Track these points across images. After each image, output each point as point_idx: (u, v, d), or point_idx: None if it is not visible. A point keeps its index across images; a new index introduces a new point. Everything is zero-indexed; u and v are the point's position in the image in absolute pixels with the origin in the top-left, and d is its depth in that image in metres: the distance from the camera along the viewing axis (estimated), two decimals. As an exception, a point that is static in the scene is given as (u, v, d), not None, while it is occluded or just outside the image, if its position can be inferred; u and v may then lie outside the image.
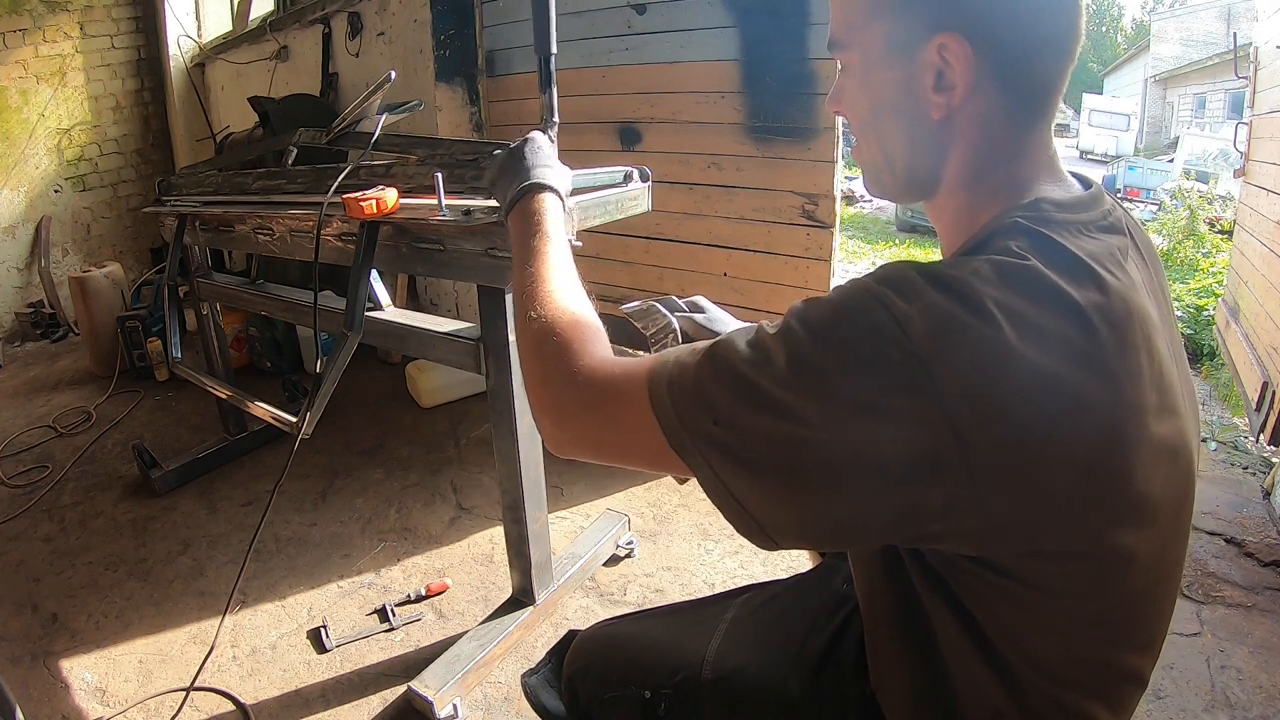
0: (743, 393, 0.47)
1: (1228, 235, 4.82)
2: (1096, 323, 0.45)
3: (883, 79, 0.57)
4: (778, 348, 0.47)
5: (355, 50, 3.14)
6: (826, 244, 2.19)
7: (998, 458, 0.43)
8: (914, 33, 0.54)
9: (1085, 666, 0.53)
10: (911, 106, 0.56)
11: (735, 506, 0.49)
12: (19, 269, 4.30)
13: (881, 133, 0.59)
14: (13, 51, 4.10)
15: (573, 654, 0.88)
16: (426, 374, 2.66)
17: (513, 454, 1.38)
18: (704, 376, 0.50)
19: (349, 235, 1.44)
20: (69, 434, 2.68)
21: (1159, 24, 20.01)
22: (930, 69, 0.53)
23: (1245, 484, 2.07)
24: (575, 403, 0.57)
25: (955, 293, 0.45)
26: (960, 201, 0.58)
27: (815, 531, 0.51)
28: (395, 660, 1.49)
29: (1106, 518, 0.47)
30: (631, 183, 1.38)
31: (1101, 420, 0.45)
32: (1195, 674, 1.37)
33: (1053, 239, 0.49)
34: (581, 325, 0.63)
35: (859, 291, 0.47)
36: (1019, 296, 0.45)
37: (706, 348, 0.51)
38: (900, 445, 0.43)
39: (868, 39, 0.57)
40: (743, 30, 2.19)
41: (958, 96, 0.53)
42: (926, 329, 0.43)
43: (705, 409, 0.49)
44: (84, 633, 1.62)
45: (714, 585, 1.66)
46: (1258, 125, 2.87)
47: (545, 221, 0.78)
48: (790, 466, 0.46)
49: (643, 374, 0.53)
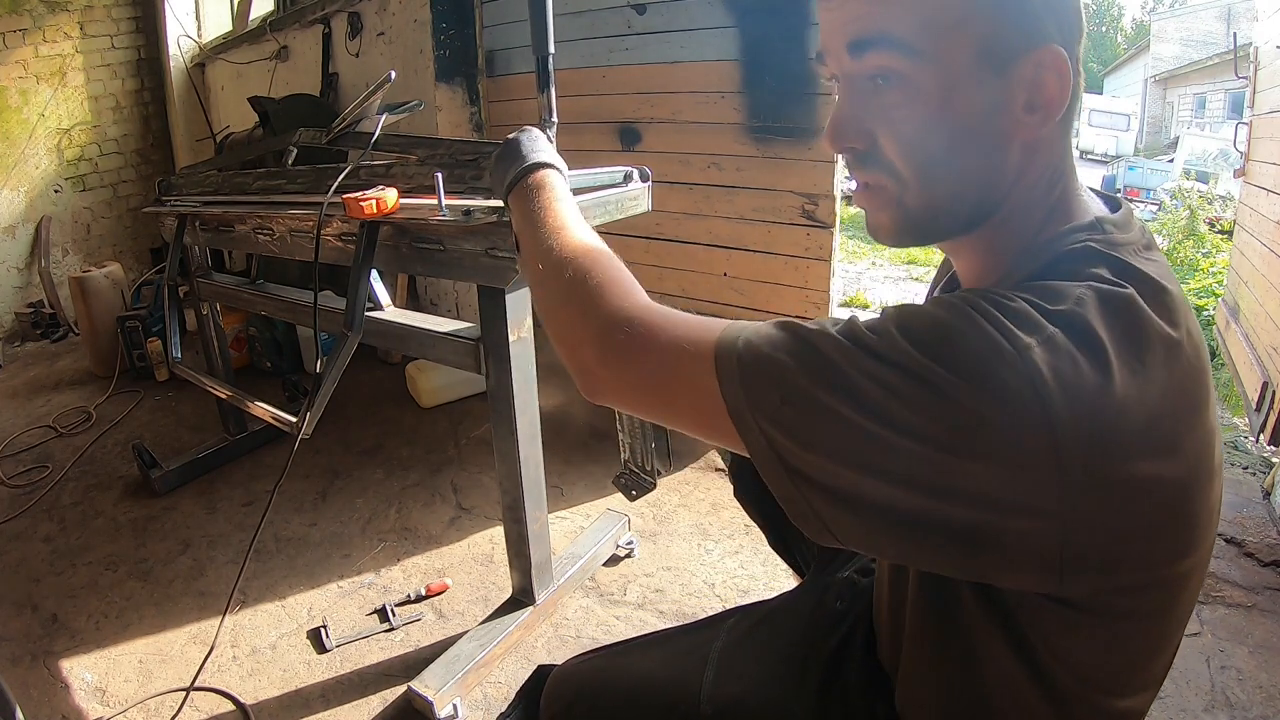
0: (827, 377, 0.44)
1: (1228, 235, 4.82)
2: (1186, 355, 0.45)
3: (969, 100, 0.47)
4: (877, 346, 0.44)
5: (355, 50, 3.14)
6: (826, 244, 2.19)
7: (1093, 500, 0.41)
8: (1014, 43, 0.46)
9: (1132, 675, 0.52)
10: (998, 131, 0.48)
11: (791, 490, 0.46)
12: (19, 269, 4.30)
13: (952, 168, 0.50)
14: (13, 51, 4.10)
15: (550, 694, 0.81)
16: (426, 374, 2.66)
17: (513, 454, 1.38)
18: (784, 351, 0.46)
19: (349, 235, 1.44)
20: (69, 434, 2.68)
21: (1159, 24, 20.00)
22: (1023, 86, 0.47)
23: (1245, 484, 2.07)
24: (625, 343, 0.52)
25: (1074, 330, 0.42)
26: (1012, 228, 0.52)
27: (873, 535, 0.46)
28: (395, 660, 1.49)
29: (1179, 549, 0.46)
30: (631, 183, 1.38)
31: (1188, 455, 0.44)
32: (1195, 674, 1.37)
33: (1133, 266, 0.47)
34: (619, 265, 0.60)
35: (968, 310, 0.44)
36: (1127, 332, 0.43)
37: (787, 323, 0.48)
38: (999, 470, 0.41)
39: (955, 47, 0.46)
40: (743, 30, 2.19)
41: (1054, 116, 0.47)
42: (1047, 364, 0.41)
43: (775, 386, 0.45)
44: (84, 633, 1.62)
45: (714, 585, 1.66)
46: (1258, 125, 2.87)
47: (550, 187, 0.73)
48: (864, 466, 0.43)
49: (711, 334, 0.50)
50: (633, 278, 0.59)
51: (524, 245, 0.69)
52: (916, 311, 0.45)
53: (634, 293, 0.57)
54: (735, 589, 1.65)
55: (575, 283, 0.58)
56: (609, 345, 0.53)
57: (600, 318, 0.55)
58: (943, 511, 0.42)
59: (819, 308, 2.24)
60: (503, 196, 0.80)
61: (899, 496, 0.42)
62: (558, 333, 0.59)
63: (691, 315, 0.53)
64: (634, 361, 0.52)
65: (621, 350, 0.53)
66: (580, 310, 0.56)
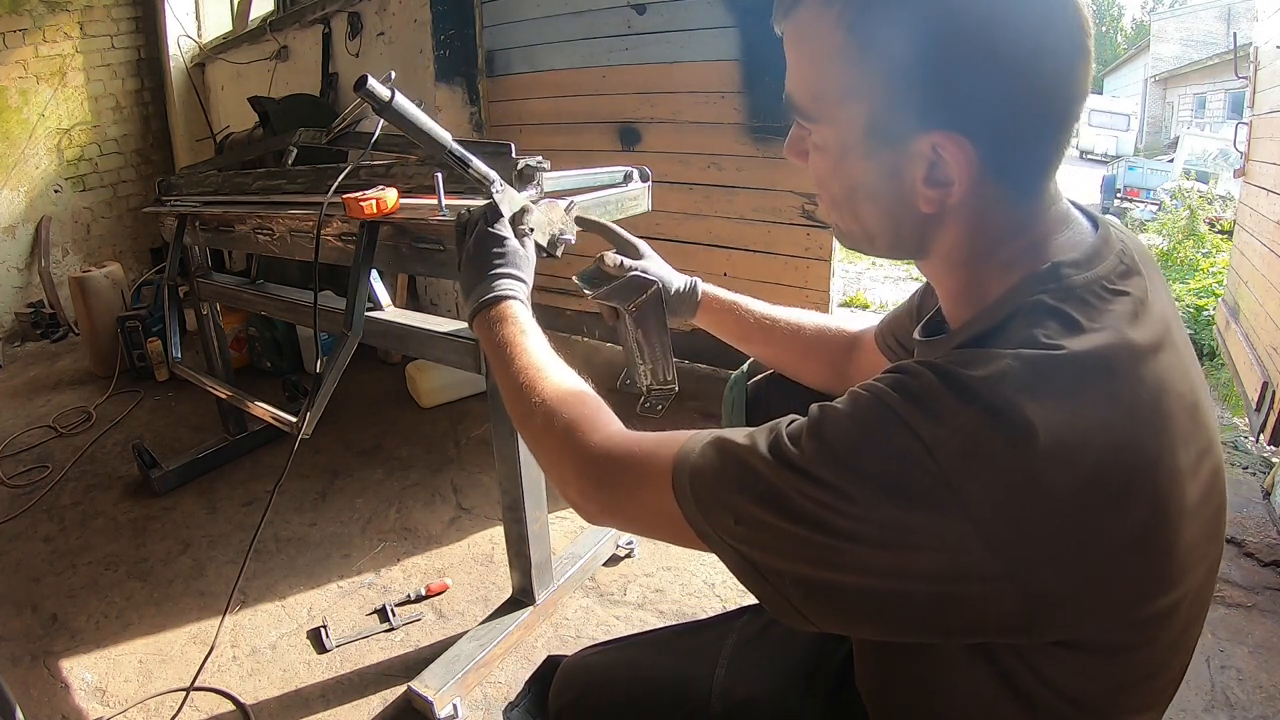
0: (763, 498, 0.47)
1: (1228, 235, 4.82)
2: (1132, 408, 0.44)
3: (860, 165, 0.51)
4: (798, 460, 0.46)
5: (355, 50, 3.14)
6: (826, 244, 2.19)
7: (1039, 558, 0.42)
8: (903, 123, 0.47)
9: (1126, 699, 0.52)
10: (896, 193, 0.50)
11: (767, 589, 0.48)
12: (19, 269, 4.30)
13: (858, 211, 0.54)
14: (13, 51, 4.10)
15: (559, 686, 0.82)
16: (426, 374, 2.66)
17: (513, 454, 1.38)
18: (725, 477, 0.50)
19: (349, 235, 1.44)
20: (69, 434, 2.68)
21: (1159, 24, 20.03)
22: (921, 161, 0.48)
23: (1245, 484, 2.06)
24: (598, 480, 0.58)
25: (989, 407, 0.42)
26: (964, 276, 0.53)
27: (849, 618, 0.48)
28: (395, 660, 1.49)
29: (1154, 589, 0.46)
30: (631, 183, 1.38)
31: (1147, 503, 0.44)
32: (1195, 674, 1.37)
33: (1078, 320, 0.46)
34: (586, 399, 0.64)
35: (880, 408, 0.45)
36: (1057, 395, 0.42)
37: (723, 445, 0.51)
38: (932, 556, 0.43)
39: (841, 119, 0.50)
40: (743, 30, 2.19)
41: (954, 195, 0.48)
42: (958, 454, 0.42)
43: (726, 510, 0.49)
44: (84, 633, 1.62)
45: (714, 585, 1.66)
46: (1258, 125, 2.87)
47: (513, 325, 0.75)
48: (821, 565, 0.45)
49: (667, 459, 0.53)
50: (598, 406, 0.63)
51: (496, 379, 0.73)
52: (834, 419, 0.47)
53: (600, 427, 0.60)
54: (736, 589, 1.65)
55: (546, 426, 0.63)
56: (586, 484, 0.59)
57: (572, 461, 0.60)
58: (904, 590, 0.44)
59: (819, 308, 2.24)
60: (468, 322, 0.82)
61: (862, 584, 0.45)
62: (544, 469, 0.64)
63: (649, 438, 0.57)
64: (609, 496, 0.58)
65: (597, 487, 0.58)
66: (556, 453, 0.62)
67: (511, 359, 0.71)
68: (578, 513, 0.61)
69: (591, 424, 0.61)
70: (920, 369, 0.46)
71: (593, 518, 0.60)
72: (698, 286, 0.95)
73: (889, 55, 0.46)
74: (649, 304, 0.89)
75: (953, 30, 0.44)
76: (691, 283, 0.95)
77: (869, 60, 0.47)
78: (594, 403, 0.64)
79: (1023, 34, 0.44)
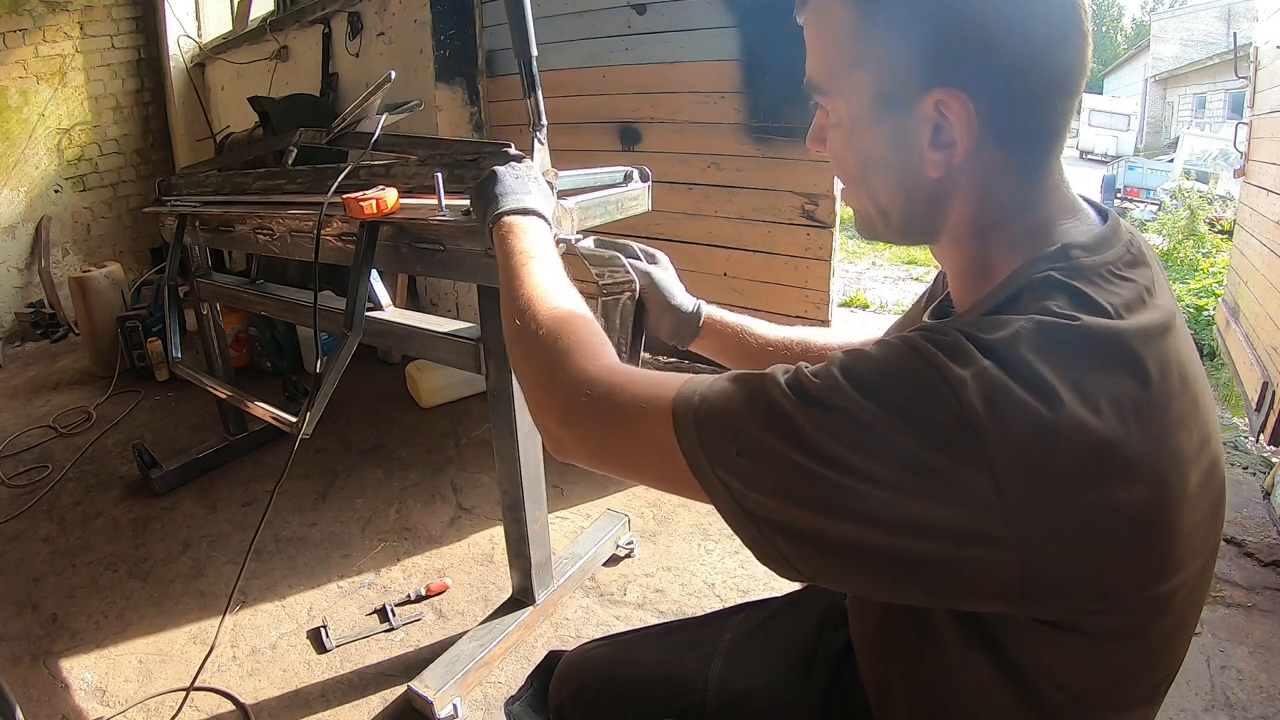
0: (775, 425, 0.46)
1: (1228, 235, 4.83)
2: (1142, 383, 0.44)
3: (871, 133, 0.53)
4: (820, 392, 0.45)
5: (355, 50, 3.14)
6: (826, 244, 2.19)
7: (1045, 528, 0.42)
8: (907, 86, 0.49)
9: (1122, 692, 0.52)
10: (905, 162, 0.52)
11: (755, 534, 0.48)
12: (19, 269, 4.30)
13: (872, 186, 0.55)
14: (13, 51, 4.10)
15: (559, 680, 0.83)
16: (426, 374, 2.66)
17: (513, 454, 1.38)
18: (735, 404, 0.48)
19: (349, 235, 1.44)
20: (69, 434, 2.68)
21: (1159, 24, 20.01)
22: (926, 123, 0.49)
23: (1245, 484, 2.07)
24: (587, 406, 0.55)
25: (1007, 362, 0.43)
26: (972, 252, 0.54)
27: (838, 571, 0.48)
28: (395, 660, 1.49)
29: (1153, 574, 0.46)
30: (631, 183, 1.38)
31: (1150, 482, 0.44)
32: (1195, 674, 1.37)
33: (1089, 295, 0.46)
34: (588, 326, 0.62)
35: (906, 349, 0.45)
36: (1070, 361, 0.43)
37: (739, 376, 0.50)
38: (942, 508, 0.42)
39: (851, 89, 0.52)
40: (743, 30, 2.18)
41: (958, 155, 0.49)
42: (980, 396, 0.42)
43: (731, 438, 0.48)
44: (84, 633, 1.62)
45: (714, 585, 1.67)
46: (1258, 125, 2.87)
47: (524, 240, 0.74)
48: (821, 509, 0.44)
49: (668, 392, 0.52)
50: (602, 338, 0.61)
51: (501, 295, 0.70)
52: (859, 355, 0.47)
53: (598, 355, 0.58)
54: (735, 589, 1.65)
55: (544, 344, 0.60)
56: (571, 408, 0.56)
57: (563, 381, 0.57)
58: (901, 545, 0.43)
59: (819, 308, 2.24)
60: (485, 233, 0.81)
61: (858, 534, 0.44)
62: (526, 392, 0.61)
63: (651, 373, 0.55)
64: (595, 424, 0.55)
65: (583, 413, 0.55)
66: (546, 373, 0.59)
67: (519, 268, 0.69)
68: (548, 443, 0.58)
69: (592, 349, 0.58)
70: (944, 326, 0.46)
71: (565, 449, 0.57)
72: (702, 309, 0.91)
73: (892, 20, 0.49)
74: (619, 295, 0.86)
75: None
76: (696, 305, 0.91)
77: (875, 29, 0.50)
78: (597, 332, 0.61)
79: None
